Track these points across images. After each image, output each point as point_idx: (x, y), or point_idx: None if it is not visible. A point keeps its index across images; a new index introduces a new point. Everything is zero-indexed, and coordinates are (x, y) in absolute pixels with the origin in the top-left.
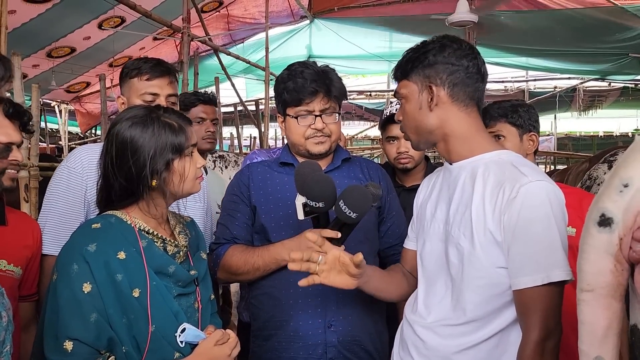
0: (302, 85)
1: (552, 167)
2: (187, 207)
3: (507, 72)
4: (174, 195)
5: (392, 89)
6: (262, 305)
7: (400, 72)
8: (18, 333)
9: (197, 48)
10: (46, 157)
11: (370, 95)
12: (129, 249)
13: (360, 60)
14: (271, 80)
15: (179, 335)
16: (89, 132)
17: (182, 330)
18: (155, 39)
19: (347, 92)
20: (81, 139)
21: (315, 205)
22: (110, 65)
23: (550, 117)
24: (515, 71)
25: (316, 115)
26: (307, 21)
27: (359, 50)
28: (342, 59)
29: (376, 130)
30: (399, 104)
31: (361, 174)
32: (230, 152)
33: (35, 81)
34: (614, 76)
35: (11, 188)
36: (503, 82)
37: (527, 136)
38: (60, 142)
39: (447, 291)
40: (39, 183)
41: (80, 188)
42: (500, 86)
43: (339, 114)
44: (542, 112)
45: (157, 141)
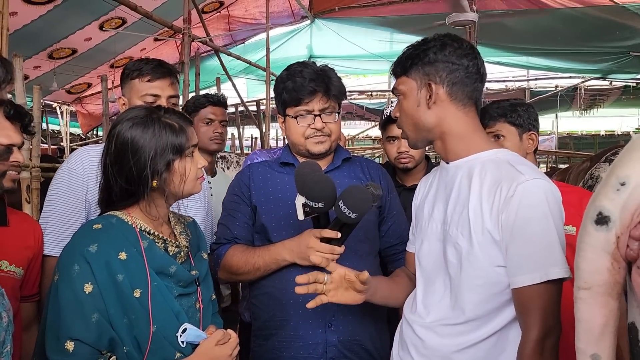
0: (301, 84)
1: (554, 166)
2: (188, 208)
3: (508, 71)
4: (174, 196)
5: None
6: (263, 304)
7: (400, 68)
8: (19, 333)
9: (197, 49)
10: (48, 159)
11: (371, 95)
12: (130, 250)
13: (361, 60)
14: (272, 80)
15: (180, 336)
16: (91, 133)
17: (183, 330)
18: (156, 39)
19: (348, 92)
20: (82, 140)
21: (315, 205)
22: (111, 66)
23: (551, 116)
24: (516, 70)
25: (315, 115)
26: (308, 21)
27: (360, 50)
28: (343, 59)
29: (377, 130)
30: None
31: (361, 174)
32: (232, 153)
33: (36, 82)
34: (615, 75)
35: (12, 189)
36: (504, 81)
37: (527, 135)
38: (61, 144)
39: (445, 291)
40: (41, 184)
41: (81, 189)
42: (501, 85)
43: (338, 113)
44: (544, 111)
45: (157, 142)
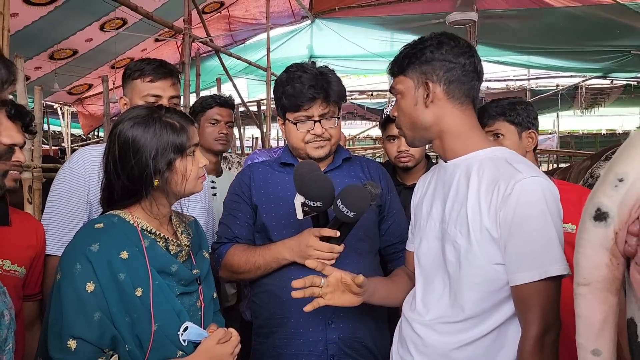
0: (300, 91)
1: (555, 165)
2: (189, 207)
3: (509, 70)
4: (176, 195)
5: None
6: (263, 303)
7: (397, 67)
8: (22, 332)
9: (198, 49)
10: (49, 159)
11: (371, 95)
12: (132, 249)
13: (361, 60)
14: (273, 80)
15: (182, 334)
16: (92, 134)
17: (185, 328)
18: (156, 40)
19: (349, 92)
20: (84, 140)
21: (314, 204)
22: (112, 67)
23: (552, 115)
24: (517, 69)
25: (315, 121)
26: (308, 21)
27: (360, 50)
28: (344, 59)
29: (378, 130)
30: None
31: (361, 173)
32: (233, 153)
33: (37, 83)
34: (616, 74)
35: (14, 189)
36: (505, 80)
37: (526, 134)
38: (63, 144)
39: (444, 289)
40: (42, 184)
41: (83, 189)
42: (502, 84)
43: (338, 118)
44: (545, 110)
45: (158, 141)
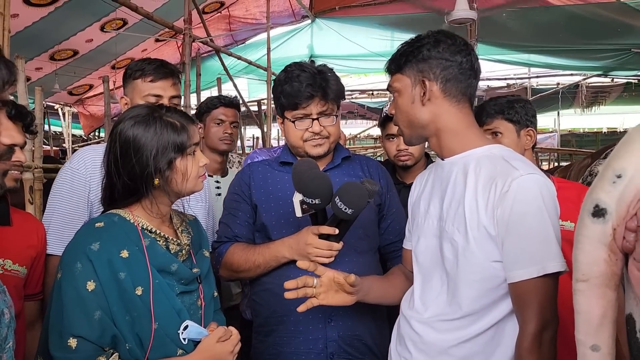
0: (298, 89)
1: (556, 163)
2: (190, 206)
3: (509, 69)
4: (176, 194)
5: None
6: (263, 301)
7: (394, 65)
8: (23, 332)
9: (198, 49)
10: (50, 160)
11: (372, 94)
12: (132, 248)
13: (362, 59)
14: (273, 80)
15: (182, 333)
16: (93, 134)
17: (185, 327)
18: (157, 40)
19: (349, 92)
20: (85, 141)
21: (312, 202)
22: (112, 68)
23: (553, 114)
24: (517, 68)
25: (313, 119)
26: (309, 21)
27: (361, 50)
28: (344, 58)
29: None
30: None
31: (361, 172)
32: (233, 153)
33: (38, 84)
34: (617, 72)
35: (15, 189)
36: (505, 79)
37: (525, 132)
38: (63, 145)
39: (442, 286)
40: (43, 185)
41: (84, 189)
42: (502, 83)
43: (336, 115)
44: (545, 109)
45: (159, 140)
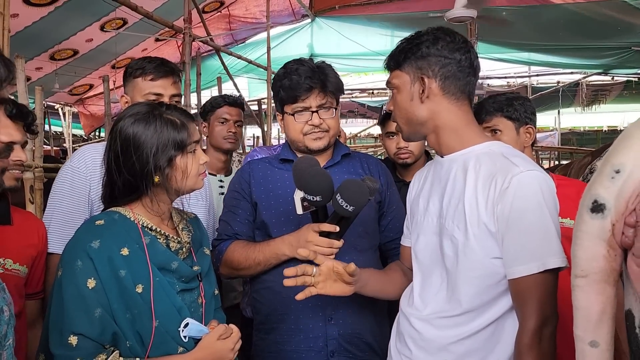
0: (297, 82)
1: (557, 162)
2: (190, 204)
3: (509, 67)
4: (177, 192)
5: None
6: (264, 299)
7: (393, 62)
8: (25, 331)
9: (198, 48)
10: (50, 159)
11: (372, 93)
12: (132, 246)
13: (362, 58)
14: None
15: (182, 330)
16: (93, 134)
17: (185, 325)
18: (157, 40)
19: (350, 91)
20: (85, 141)
21: (313, 199)
22: (112, 67)
23: (553, 112)
24: (517, 67)
25: (313, 111)
26: (309, 20)
27: (361, 48)
28: (344, 57)
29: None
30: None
31: (361, 169)
32: (234, 152)
33: (38, 84)
34: (617, 70)
35: (15, 188)
36: (505, 77)
37: (524, 129)
38: (64, 145)
39: (442, 283)
40: (44, 184)
41: (84, 187)
42: (502, 82)
43: (336, 109)
44: (546, 107)
45: (159, 137)
